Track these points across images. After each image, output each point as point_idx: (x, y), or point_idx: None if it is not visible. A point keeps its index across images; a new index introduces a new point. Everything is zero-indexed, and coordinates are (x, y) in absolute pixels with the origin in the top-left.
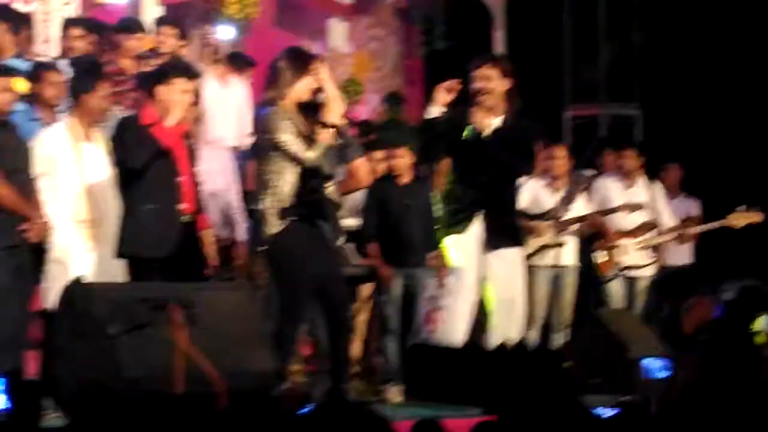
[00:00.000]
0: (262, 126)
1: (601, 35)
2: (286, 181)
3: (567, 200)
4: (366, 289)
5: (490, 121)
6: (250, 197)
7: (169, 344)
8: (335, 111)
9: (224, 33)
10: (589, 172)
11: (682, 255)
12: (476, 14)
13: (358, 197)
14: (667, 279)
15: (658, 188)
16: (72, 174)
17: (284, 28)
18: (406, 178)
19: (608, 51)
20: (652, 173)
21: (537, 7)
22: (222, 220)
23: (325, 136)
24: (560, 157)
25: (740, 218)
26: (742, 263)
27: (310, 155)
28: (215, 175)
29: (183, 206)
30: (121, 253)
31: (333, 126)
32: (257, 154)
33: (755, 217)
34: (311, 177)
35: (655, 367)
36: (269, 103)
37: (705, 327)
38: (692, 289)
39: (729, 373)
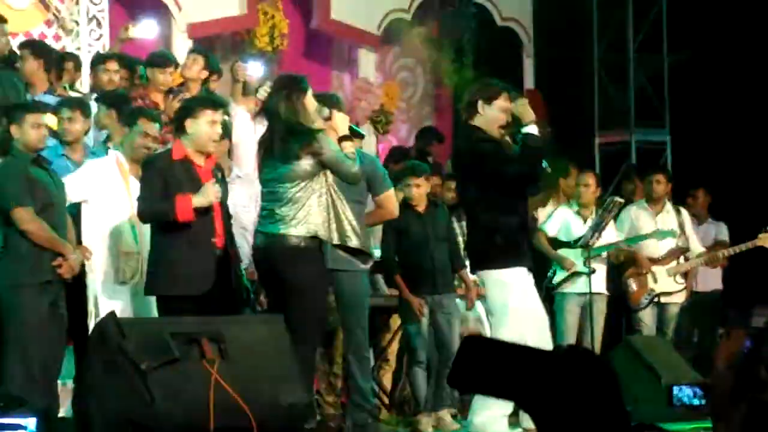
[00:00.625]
0: (296, 149)
1: (631, 61)
2: (313, 203)
3: (597, 227)
4: (396, 320)
5: None
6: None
7: (202, 379)
8: (341, 123)
9: (254, 69)
10: (619, 199)
11: (712, 280)
12: (505, 42)
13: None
14: (697, 305)
15: (685, 214)
16: (119, 206)
17: (313, 60)
18: (422, 206)
19: (637, 77)
20: (680, 198)
21: (566, 34)
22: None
23: (351, 150)
24: (590, 184)
25: None
26: None
27: (357, 170)
28: (246, 210)
29: (215, 241)
30: (152, 291)
31: (348, 138)
32: (284, 178)
33: None
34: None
35: (688, 394)
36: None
37: (737, 360)
38: (723, 315)
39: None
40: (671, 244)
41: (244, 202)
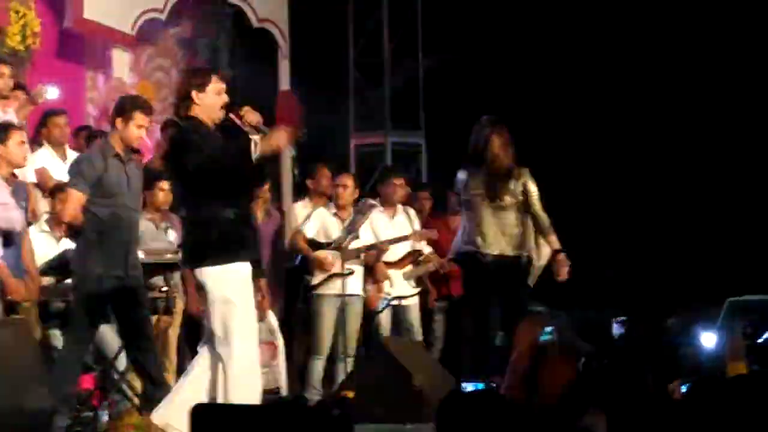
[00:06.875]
0: None
1: (386, 64)
2: None
3: (351, 229)
4: None
5: None
6: None
7: None
8: None
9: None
10: (372, 201)
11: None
12: (262, 43)
13: None
14: (452, 308)
15: (414, 214)
16: None
17: (67, 59)
18: None
19: (392, 79)
20: (435, 199)
21: (321, 36)
22: None
23: None
24: (348, 185)
25: None
26: None
27: None
28: None
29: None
30: None
31: None
32: None
33: None
34: None
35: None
36: None
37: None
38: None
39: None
40: (407, 247)
41: None
